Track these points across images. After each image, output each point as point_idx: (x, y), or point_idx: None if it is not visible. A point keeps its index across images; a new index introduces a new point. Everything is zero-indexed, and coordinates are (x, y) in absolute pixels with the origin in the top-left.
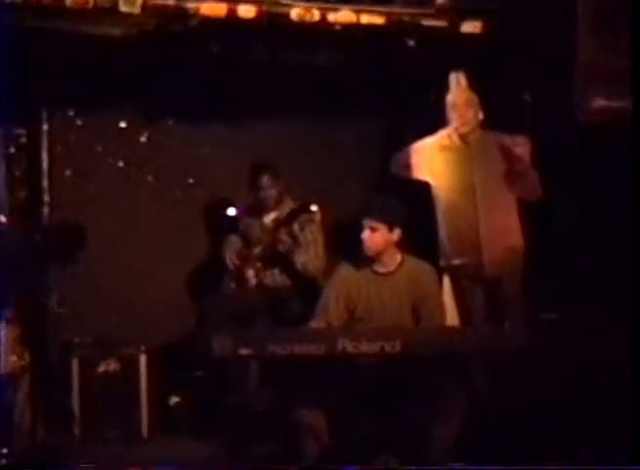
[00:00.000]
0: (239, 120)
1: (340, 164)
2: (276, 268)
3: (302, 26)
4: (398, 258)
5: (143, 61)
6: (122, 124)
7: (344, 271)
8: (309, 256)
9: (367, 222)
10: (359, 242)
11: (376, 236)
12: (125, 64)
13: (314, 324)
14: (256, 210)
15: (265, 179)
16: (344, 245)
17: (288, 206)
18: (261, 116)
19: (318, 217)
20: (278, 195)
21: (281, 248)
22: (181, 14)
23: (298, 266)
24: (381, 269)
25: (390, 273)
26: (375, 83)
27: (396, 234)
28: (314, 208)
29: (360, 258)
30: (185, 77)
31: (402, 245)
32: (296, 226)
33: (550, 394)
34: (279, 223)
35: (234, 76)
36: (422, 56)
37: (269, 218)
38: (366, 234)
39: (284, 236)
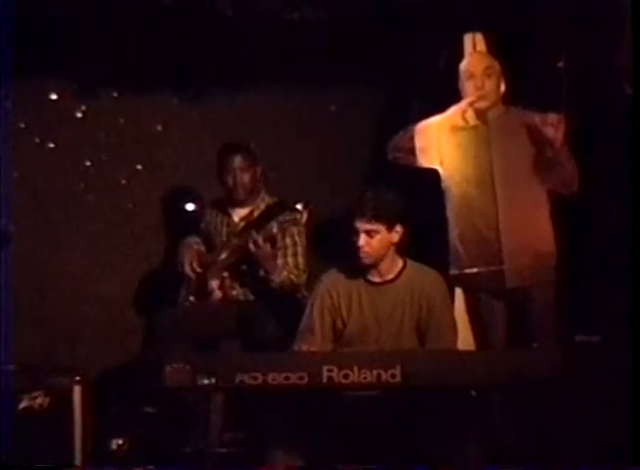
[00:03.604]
0: (199, 92)
1: (325, 148)
2: (247, 279)
3: None
4: (399, 263)
5: (78, 15)
6: (53, 96)
7: (330, 281)
8: (289, 265)
9: (361, 225)
10: (352, 249)
11: (374, 241)
12: (56, 20)
13: (295, 348)
14: (223, 204)
15: (238, 160)
16: (330, 249)
17: (264, 201)
18: (227, 86)
19: (304, 219)
20: (252, 184)
21: (255, 253)
22: None
23: (275, 277)
24: (376, 278)
25: (389, 282)
26: (370, 46)
27: (397, 234)
28: (299, 206)
29: (350, 265)
30: (131, 37)
31: (403, 247)
32: (274, 227)
33: (585, 432)
34: (252, 222)
35: (193, 36)
36: (429, 12)
37: (239, 215)
38: (362, 240)
39: (258, 238)
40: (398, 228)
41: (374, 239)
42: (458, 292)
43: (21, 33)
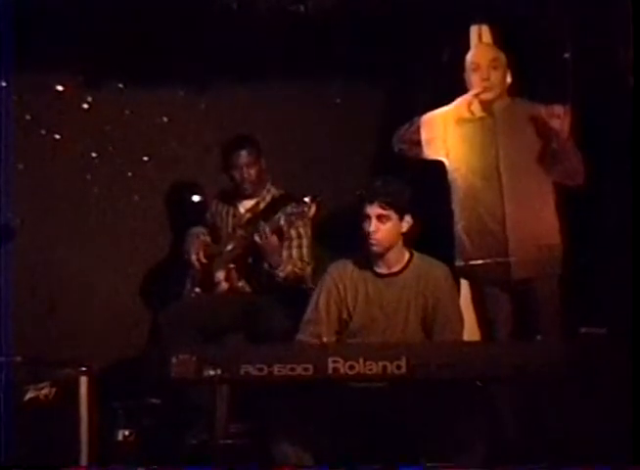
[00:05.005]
0: (204, 84)
1: (330, 140)
2: (253, 270)
3: None
4: (406, 255)
5: (83, 6)
6: (58, 87)
7: (337, 272)
8: (293, 257)
9: (373, 210)
10: (362, 236)
11: (385, 227)
12: (62, 11)
13: (300, 339)
14: (229, 195)
15: (243, 156)
16: (336, 241)
17: (270, 192)
18: (233, 78)
19: (311, 211)
20: (258, 177)
21: (261, 244)
22: None
23: (279, 270)
24: (383, 270)
25: (395, 274)
26: (375, 38)
27: (407, 224)
28: (307, 199)
29: (357, 257)
30: (136, 28)
31: (411, 239)
32: (281, 219)
33: (588, 424)
34: (258, 214)
35: (198, 28)
36: (434, 3)
37: (245, 207)
38: (374, 225)
39: (264, 230)
40: (408, 219)
41: (385, 225)
42: (463, 283)
43: (26, 24)
